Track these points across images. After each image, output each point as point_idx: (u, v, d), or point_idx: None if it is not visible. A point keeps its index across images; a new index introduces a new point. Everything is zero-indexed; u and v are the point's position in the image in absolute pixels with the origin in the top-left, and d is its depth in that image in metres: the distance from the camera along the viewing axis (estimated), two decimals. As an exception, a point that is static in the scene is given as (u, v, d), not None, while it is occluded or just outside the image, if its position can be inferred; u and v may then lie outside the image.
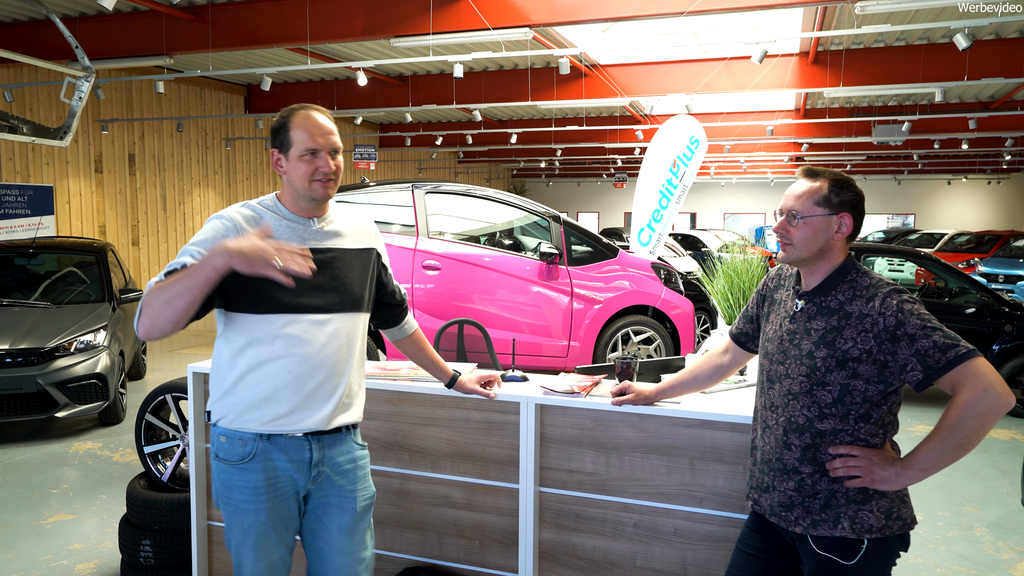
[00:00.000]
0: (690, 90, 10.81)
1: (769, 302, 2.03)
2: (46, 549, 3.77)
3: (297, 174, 1.96)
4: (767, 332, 1.98)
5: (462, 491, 2.71)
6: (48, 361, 5.47)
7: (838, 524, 1.77)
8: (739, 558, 1.97)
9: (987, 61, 9.29)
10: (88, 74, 6.07)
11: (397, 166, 21.61)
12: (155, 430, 3.58)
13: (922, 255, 7.44)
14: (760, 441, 1.93)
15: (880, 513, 1.76)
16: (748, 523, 2.00)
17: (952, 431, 1.64)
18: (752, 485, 1.95)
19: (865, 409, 1.77)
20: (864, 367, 1.74)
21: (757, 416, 1.97)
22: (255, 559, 1.97)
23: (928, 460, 1.68)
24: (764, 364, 1.95)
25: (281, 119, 1.98)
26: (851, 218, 1.83)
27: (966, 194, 27.52)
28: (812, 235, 1.83)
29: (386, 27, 7.60)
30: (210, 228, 1.89)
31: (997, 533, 4.10)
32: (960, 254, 15.88)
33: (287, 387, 1.94)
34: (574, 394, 2.52)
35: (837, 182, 1.84)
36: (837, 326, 1.78)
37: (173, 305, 1.72)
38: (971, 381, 1.63)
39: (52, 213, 10.50)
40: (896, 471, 1.72)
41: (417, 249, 6.19)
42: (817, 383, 1.79)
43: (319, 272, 1.98)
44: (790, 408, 1.84)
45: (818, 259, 1.85)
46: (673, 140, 8.14)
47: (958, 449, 1.65)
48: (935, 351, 1.66)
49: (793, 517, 1.83)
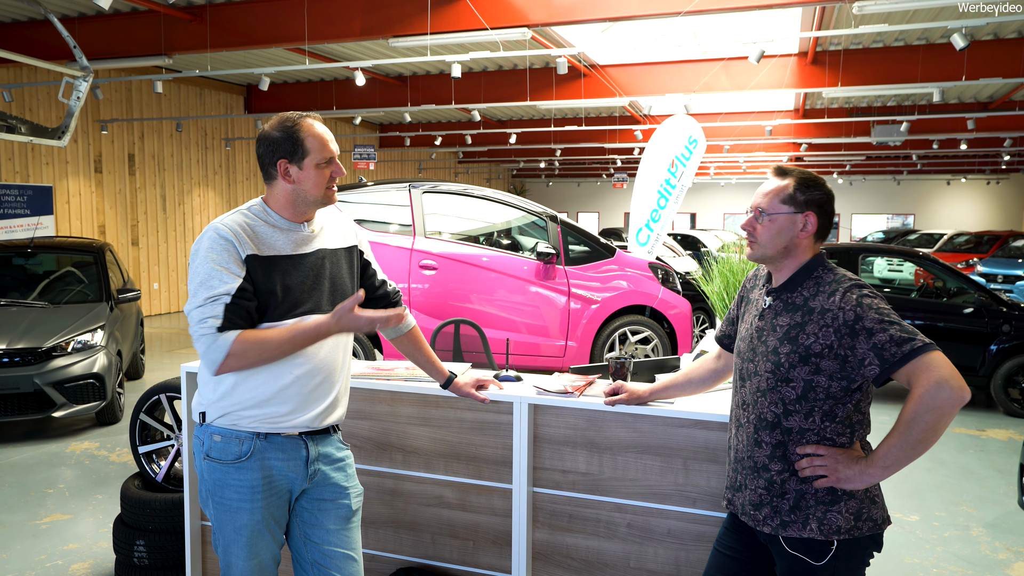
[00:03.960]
0: (689, 90, 10.80)
1: (745, 302, 2.04)
2: (41, 549, 3.77)
3: (312, 182, 1.97)
4: (740, 331, 1.99)
5: (455, 491, 2.70)
6: (45, 361, 5.47)
7: (807, 525, 1.77)
8: (716, 558, 1.97)
9: (985, 61, 9.28)
10: (86, 74, 6.07)
11: (397, 166, 21.61)
12: (150, 430, 3.58)
13: (921, 255, 7.44)
14: (734, 440, 1.94)
15: (849, 514, 1.76)
16: (725, 523, 2.00)
17: (908, 427, 1.64)
18: (727, 484, 1.96)
19: (829, 406, 1.76)
20: (826, 362, 1.74)
21: (732, 415, 1.98)
22: (247, 558, 1.97)
23: (889, 457, 1.67)
24: (737, 363, 1.96)
25: (286, 129, 1.95)
26: (816, 217, 1.84)
27: (965, 194, 27.51)
28: (777, 232, 1.84)
29: (384, 27, 7.60)
30: (219, 247, 1.87)
31: (994, 533, 4.09)
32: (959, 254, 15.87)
33: (290, 387, 1.95)
34: (567, 394, 2.51)
35: (804, 181, 1.85)
36: (800, 321, 1.78)
37: (269, 358, 1.90)
38: (925, 374, 1.62)
39: (51, 213, 10.50)
40: (860, 469, 1.71)
41: (414, 249, 6.19)
42: (781, 379, 1.79)
43: (316, 274, 2.01)
44: (759, 405, 1.84)
45: (784, 256, 1.86)
46: (671, 140, 8.13)
47: (917, 444, 1.64)
48: (891, 344, 1.65)
49: (762, 516, 1.83)
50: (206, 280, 1.85)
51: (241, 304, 1.85)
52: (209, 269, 1.85)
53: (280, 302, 1.93)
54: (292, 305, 1.94)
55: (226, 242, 1.88)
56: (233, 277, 1.85)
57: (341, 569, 2.04)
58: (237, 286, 1.84)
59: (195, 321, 1.84)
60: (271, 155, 1.96)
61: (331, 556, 2.04)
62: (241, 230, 1.92)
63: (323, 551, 2.04)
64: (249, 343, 1.84)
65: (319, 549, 2.04)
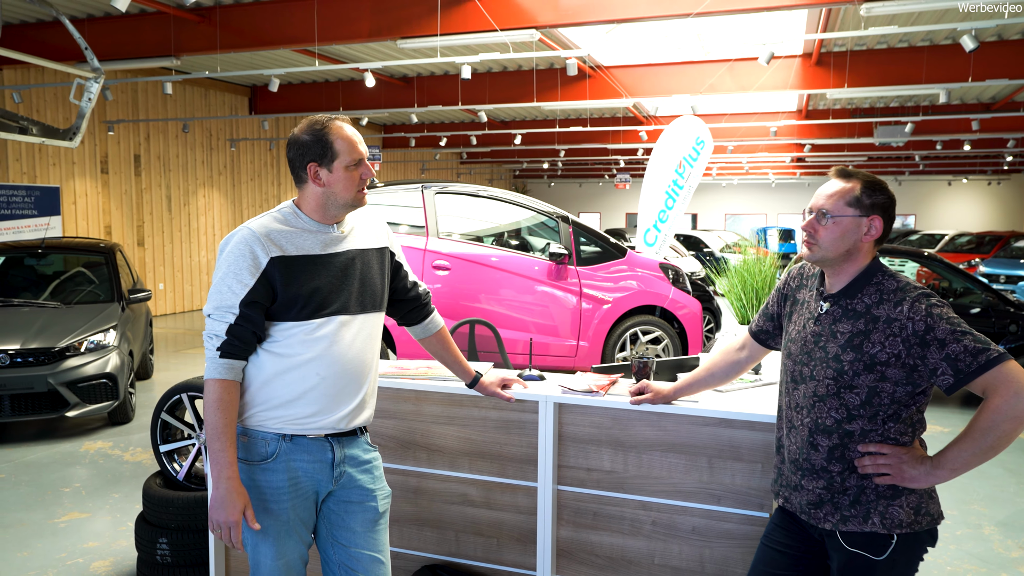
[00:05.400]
0: (694, 91, 10.83)
1: (791, 302, 2.02)
2: (61, 547, 3.80)
3: (344, 184, 1.98)
4: (790, 332, 1.98)
5: (480, 489, 2.73)
6: (58, 361, 5.49)
7: (868, 519, 1.78)
8: (765, 553, 1.98)
9: (990, 62, 9.31)
10: (98, 75, 6.09)
11: (400, 167, 21.64)
12: (170, 429, 3.60)
13: (927, 255, 7.47)
14: (786, 440, 1.94)
15: (909, 508, 1.77)
16: (774, 519, 2.00)
17: (984, 434, 1.65)
18: (781, 483, 1.96)
19: (894, 410, 1.77)
20: (892, 370, 1.74)
21: (782, 415, 1.97)
22: (274, 557, 1.97)
23: (958, 461, 1.69)
24: (788, 364, 1.95)
25: (315, 133, 1.97)
26: (881, 221, 1.82)
27: (966, 195, 27.56)
28: (840, 236, 1.82)
29: (393, 28, 7.63)
30: (238, 252, 1.92)
31: (1006, 532, 4.12)
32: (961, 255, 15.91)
33: (315, 388, 1.96)
34: (592, 393, 2.54)
35: (870, 184, 1.84)
36: (864, 330, 1.78)
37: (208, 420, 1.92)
38: (1004, 385, 1.63)
39: (59, 214, 10.53)
40: (926, 470, 1.73)
41: (427, 249, 6.22)
42: (845, 386, 1.78)
43: (344, 274, 2.01)
44: (816, 410, 1.84)
45: (844, 260, 1.84)
46: (679, 141, 8.15)
47: (988, 451, 1.66)
48: (966, 355, 1.66)
49: (822, 514, 1.84)
50: (219, 284, 1.92)
51: (245, 327, 1.90)
52: (224, 271, 1.92)
53: (307, 302, 1.94)
54: (319, 306, 1.95)
55: (248, 248, 1.91)
56: (242, 287, 1.89)
57: (368, 571, 2.04)
58: (242, 299, 1.89)
59: (206, 329, 1.94)
60: (301, 159, 1.98)
61: (358, 558, 2.04)
62: (269, 232, 1.94)
63: (350, 553, 2.04)
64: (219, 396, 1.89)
65: (346, 551, 2.04)
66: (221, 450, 1.87)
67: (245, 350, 1.93)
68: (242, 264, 1.90)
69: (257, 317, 1.91)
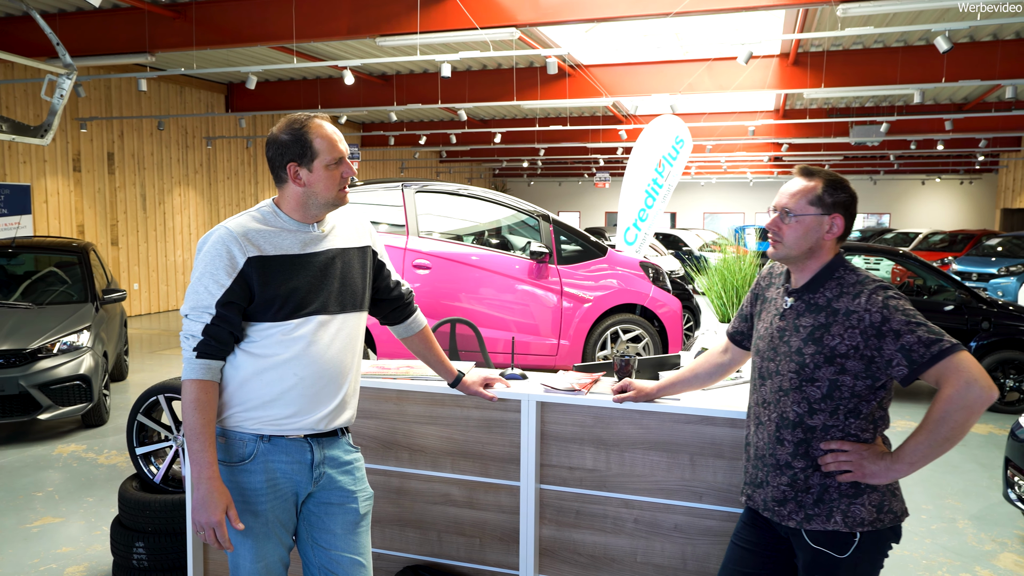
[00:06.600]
0: (673, 90, 10.90)
1: (761, 300, 2.06)
2: (34, 553, 3.72)
3: (325, 183, 1.96)
4: (759, 330, 2.01)
5: (462, 489, 2.72)
6: (30, 363, 5.38)
7: (831, 518, 1.80)
8: (734, 552, 2.00)
9: (962, 63, 9.48)
10: (70, 71, 5.98)
11: (379, 165, 21.52)
12: (147, 431, 3.54)
13: (901, 253, 7.57)
14: (754, 437, 1.97)
15: (872, 506, 1.80)
16: (743, 518, 2.03)
17: (938, 424, 1.69)
18: (746, 480, 1.99)
19: (854, 404, 1.80)
20: (851, 363, 1.77)
21: (750, 412, 2.00)
22: (253, 560, 1.95)
23: (916, 453, 1.72)
24: (756, 361, 1.98)
25: (294, 132, 1.94)
26: (843, 219, 1.86)
27: (939, 194, 28.03)
28: (803, 233, 1.85)
29: (372, 26, 7.58)
30: (214, 252, 1.89)
31: (979, 525, 4.19)
32: (934, 253, 16.16)
33: (293, 389, 1.93)
34: (575, 392, 2.54)
35: (832, 182, 1.87)
36: (825, 323, 1.81)
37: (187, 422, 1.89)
38: (955, 375, 1.67)
39: (29, 212, 10.32)
40: (886, 465, 1.75)
41: (407, 248, 6.19)
42: (806, 379, 1.82)
43: (324, 273, 1.99)
44: (781, 404, 1.87)
45: (808, 257, 1.88)
46: (658, 140, 8.20)
47: (944, 442, 1.69)
48: (919, 346, 1.69)
49: (786, 512, 1.86)
50: (196, 284, 1.90)
51: (222, 327, 1.88)
52: (201, 271, 1.89)
53: (284, 302, 1.92)
54: (298, 306, 1.93)
55: (225, 247, 1.89)
56: (218, 288, 1.87)
57: (349, 574, 2.02)
58: (219, 299, 1.87)
59: (183, 329, 1.92)
60: (280, 158, 1.95)
61: (339, 561, 2.02)
62: (247, 231, 1.92)
63: (330, 556, 2.02)
64: (197, 396, 1.87)
65: (327, 554, 2.02)
66: (201, 450, 1.85)
67: (222, 350, 1.90)
68: (219, 264, 1.87)
69: (234, 317, 1.89)
